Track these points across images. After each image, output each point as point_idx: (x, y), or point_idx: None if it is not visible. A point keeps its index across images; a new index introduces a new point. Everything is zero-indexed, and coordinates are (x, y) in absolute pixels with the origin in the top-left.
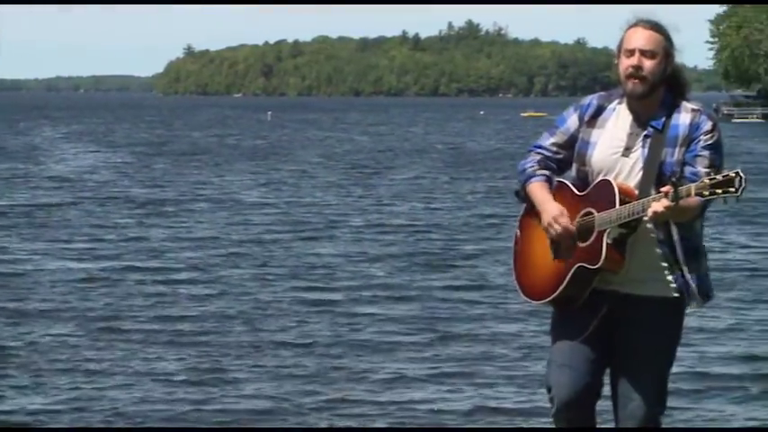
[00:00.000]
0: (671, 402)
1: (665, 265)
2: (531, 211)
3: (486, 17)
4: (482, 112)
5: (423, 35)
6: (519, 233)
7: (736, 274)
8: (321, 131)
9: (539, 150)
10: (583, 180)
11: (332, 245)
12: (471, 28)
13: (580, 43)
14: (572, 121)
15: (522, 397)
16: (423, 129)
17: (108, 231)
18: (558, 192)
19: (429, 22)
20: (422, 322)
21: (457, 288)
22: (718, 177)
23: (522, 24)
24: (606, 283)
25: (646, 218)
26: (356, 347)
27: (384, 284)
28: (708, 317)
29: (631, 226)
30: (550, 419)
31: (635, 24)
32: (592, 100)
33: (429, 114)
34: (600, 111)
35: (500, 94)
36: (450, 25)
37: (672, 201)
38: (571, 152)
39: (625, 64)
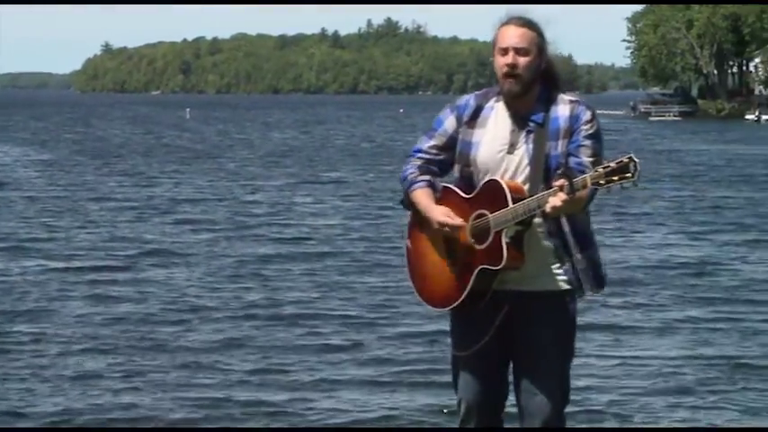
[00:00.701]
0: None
1: (556, 258)
2: (419, 220)
3: (406, 15)
4: (402, 110)
5: (342, 33)
6: (410, 244)
7: (668, 272)
8: (241, 129)
9: (419, 155)
10: (468, 181)
11: (257, 245)
12: (390, 26)
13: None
14: (450, 122)
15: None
16: (347, 126)
17: (25, 230)
18: (445, 197)
19: (348, 20)
20: (344, 322)
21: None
22: (612, 165)
23: (441, 22)
24: (502, 284)
25: (546, 212)
26: (283, 349)
27: (316, 283)
28: (641, 316)
29: (527, 222)
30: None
31: (507, 22)
32: (468, 100)
33: (349, 112)
34: (478, 110)
35: (419, 92)
36: (369, 23)
37: (568, 194)
38: (452, 154)
39: (500, 62)
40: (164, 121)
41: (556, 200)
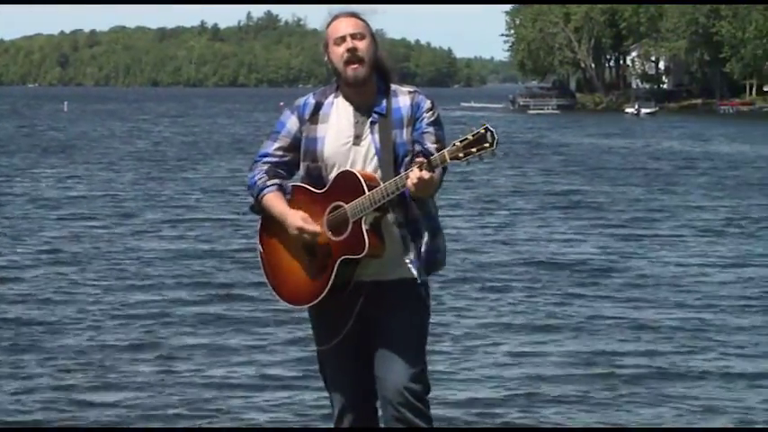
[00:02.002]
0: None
1: (408, 246)
2: (271, 223)
3: (285, 8)
4: (282, 103)
5: (222, 25)
6: (262, 248)
7: (562, 265)
8: (121, 122)
9: (265, 159)
10: (316, 178)
11: (140, 240)
12: (270, 18)
13: (378, 34)
14: (292, 122)
15: None
16: (226, 120)
17: None
18: (297, 196)
19: (228, 13)
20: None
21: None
22: (469, 137)
23: (320, 15)
24: (358, 275)
25: (409, 188)
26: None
27: (206, 283)
28: (535, 310)
29: (384, 208)
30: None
31: (336, 17)
32: (307, 99)
33: (229, 105)
34: (319, 107)
35: (300, 85)
36: (249, 16)
37: (428, 170)
38: (297, 154)
39: (340, 51)
40: (40, 115)
41: (416, 174)
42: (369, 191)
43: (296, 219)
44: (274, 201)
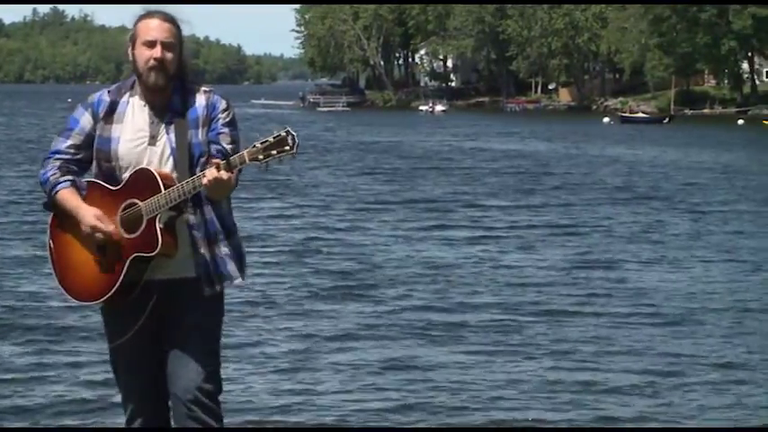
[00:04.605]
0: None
1: (198, 246)
2: (64, 219)
3: (72, 5)
4: (69, 100)
5: (7, 21)
6: (53, 243)
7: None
8: None
9: (57, 156)
10: (110, 176)
11: None
12: (57, 14)
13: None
14: (85, 119)
15: None
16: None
17: None
18: (91, 192)
19: (13, 8)
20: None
21: None
22: (270, 139)
23: (108, 11)
24: (151, 274)
25: (205, 186)
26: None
27: None
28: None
29: (180, 208)
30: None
31: (151, 15)
32: (101, 96)
33: (12, 102)
34: (114, 106)
35: (87, 81)
36: (35, 11)
37: (226, 170)
38: (90, 151)
39: (146, 55)
40: None
41: (213, 174)
42: (165, 189)
43: (90, 217)
44: (68, 196)
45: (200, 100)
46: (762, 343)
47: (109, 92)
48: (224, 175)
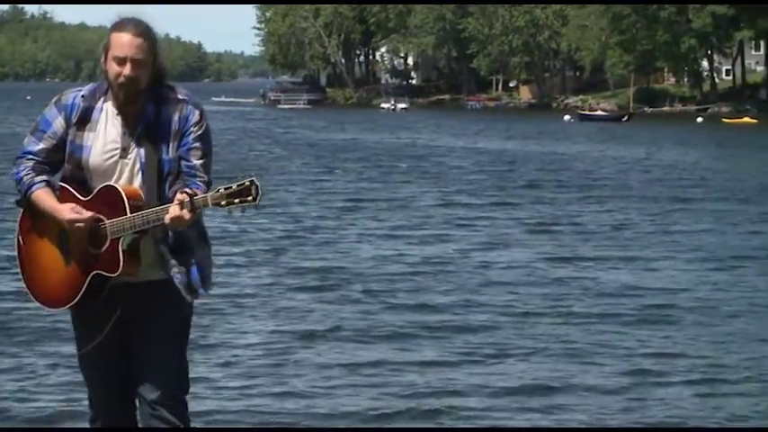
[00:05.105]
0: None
1: (164, 255)
2: (37, 218)
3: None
4: (29, 97)
5: None
6: (23, 240)
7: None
8: None
9: (30, 157)
10: (81, 183)
11: None
12: (16, 12)
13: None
14: (58, 123)
15: None
16: None
17: None
18: (62, 198)
19: None
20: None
21: None
22: (234, 187)
23: (68, 8)
24: (119, 278)
25: (166, 224)
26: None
27: None
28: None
29: (144, 231)
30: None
31: (123, 27)
32: (75, 99)
33: None
34: (88, 112)
35: (47, 79)
36: None
37: (189, 210)
38: (62, 154)
39: (116, 71)
40: None
41: (175, 212)
42: (131, 211)
43: (67, 211)
44: (44, 197)
45: (174, 111)
46: (737, 341)
47: (83, 96)
48: (186, 214)
